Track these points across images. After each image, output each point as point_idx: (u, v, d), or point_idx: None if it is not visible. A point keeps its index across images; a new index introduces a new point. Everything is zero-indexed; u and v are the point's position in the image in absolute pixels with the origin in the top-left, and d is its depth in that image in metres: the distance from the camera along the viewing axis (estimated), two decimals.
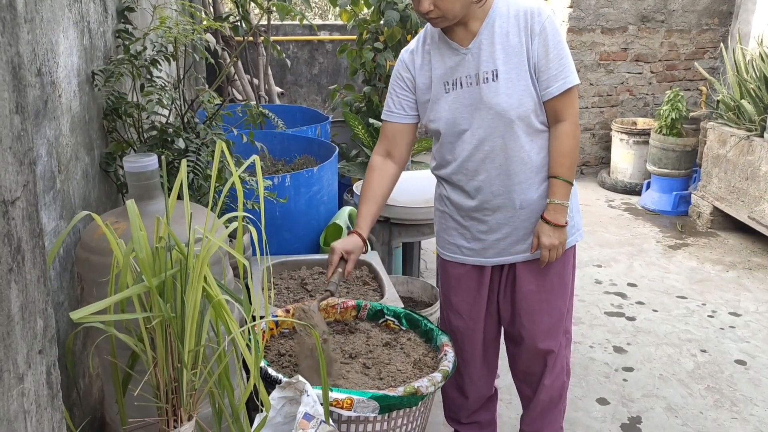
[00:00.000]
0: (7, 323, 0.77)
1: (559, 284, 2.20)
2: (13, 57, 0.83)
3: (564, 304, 2.24)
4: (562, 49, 1.97)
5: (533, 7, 1.97)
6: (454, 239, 2.25)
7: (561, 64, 1.97)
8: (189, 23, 2.01)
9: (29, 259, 0.84)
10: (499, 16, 1.99)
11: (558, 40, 1.97)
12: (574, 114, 2.03)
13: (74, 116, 1.71)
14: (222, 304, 1.33)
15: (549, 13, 1.98)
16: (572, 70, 1.99)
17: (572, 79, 1.98)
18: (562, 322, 2.25)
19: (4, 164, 0.78)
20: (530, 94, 2.00)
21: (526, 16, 1.97)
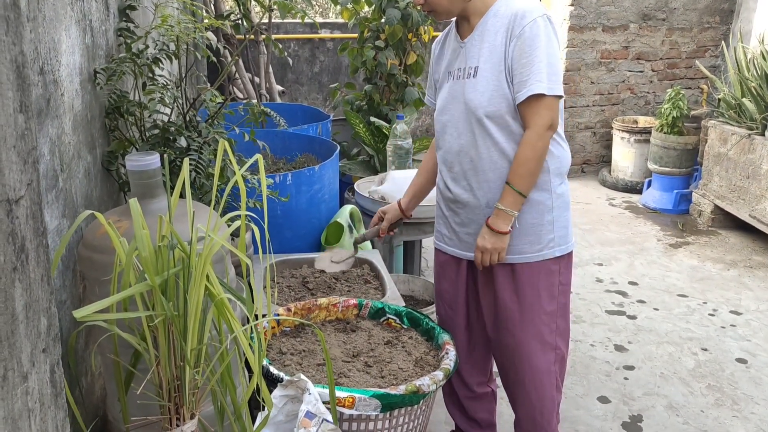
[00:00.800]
0: (12, 322, 0.77)
1: (532, 296, 2.12)
2: (17, 56, 0.83)
3: (541, 319, 2.14)
4: (535, 56, 1.92)
5: (523, 9, 1.95)
6: (438, 226, 2.32)
7: (531, 71, 1.93)
8: (191, 21, 2.01)
9: (33, 257, 0.84)
10: (495, 14, 2.01)
11: (535, 46, 1.92)
12: (540, 124, 1.96)
13: (76, 115, 1.71)
14: (224, 303, 1.33)
15: (536, 17, 1.93)
16: (542, 78, 1.92)
17: (537, 88, 1.92)
18: (541, 338, 2.16)
19: (8, 163, 0.78)
20: (504, 96, 1.99)
21: (513, 17, 1.96)
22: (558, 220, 2.11)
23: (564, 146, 2.12)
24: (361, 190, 3.40)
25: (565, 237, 2.14)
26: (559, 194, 2.10)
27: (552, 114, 1.97)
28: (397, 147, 3.47)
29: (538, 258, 2.10)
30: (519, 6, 1.97)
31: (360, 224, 3.24)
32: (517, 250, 2.10)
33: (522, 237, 2.09)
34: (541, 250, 2.10)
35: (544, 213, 2.08)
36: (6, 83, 0.79)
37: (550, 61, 1.94)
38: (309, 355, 2.09)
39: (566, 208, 2.14)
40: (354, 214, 3.22)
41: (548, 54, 1.93)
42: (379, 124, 4.02)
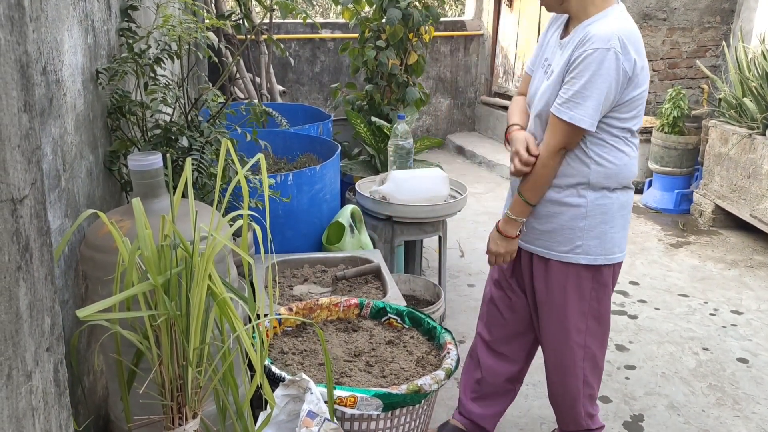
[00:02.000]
0: (16, 321, 0.77)
1: (559, 293, 2.21)
2: (21, 56, 0.83)
3: (567, 317, 2.23)
4: (575, 81, 1.97)
5: (595, 35, 1.97)
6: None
7: (567, 92, 1.99)
8: (192, 21, 2.01)
9: (37, 257, 0.85)
10: (589, 25, 2.03)
11: (580, 73, 1.96)
12: (551, 143, 2.04)
13: (79, 114, 1.72)
14: (227, 302, 1.33)
15: (599, 48, 1.95)
16: (573, 108, 1.97)
17: (564, 114, 1.99)
18: (567, 333, 2.25)
19: (12, 162, 0.78)
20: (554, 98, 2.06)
21: (585, 38, 1.99)
22: (590, 229, 2.13)
23: (616, 160, 2.10)
24: (362, 190, 3.41)
25: (596, 248, 2.15)
26: (598, 205, 2.12)
27: (569, 138, 2.03)
28: (398, 147, 3.47)
29: (563, 259, 2.17)
30: (596, 30, 1.98)
31: (361, 224, 3.24)
32: (546, 245, 2.19)
33: (553, 234, 2.17)
34: (567, 253, 2.16)
35: (577, 219, 2.13)
36: (11, 83, 0.79)
37: (588, 93, 1.96)
38: (311, 355, 2.10)
39: (604, 220, 2.14)
40: (355, 213, 3.22)
41: (589, 85, 1.96)
42: (380, 124, 4.02)
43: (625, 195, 2.17)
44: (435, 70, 7.40)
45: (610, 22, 1.99)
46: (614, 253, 2.18)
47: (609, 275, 2.22)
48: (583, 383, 2.35)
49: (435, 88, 7.49)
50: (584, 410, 2.41)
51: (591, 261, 2.16)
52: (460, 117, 7.74)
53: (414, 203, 3.22)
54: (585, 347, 2.28)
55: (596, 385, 2.41)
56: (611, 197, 2.13)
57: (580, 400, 2.38)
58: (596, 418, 2.48)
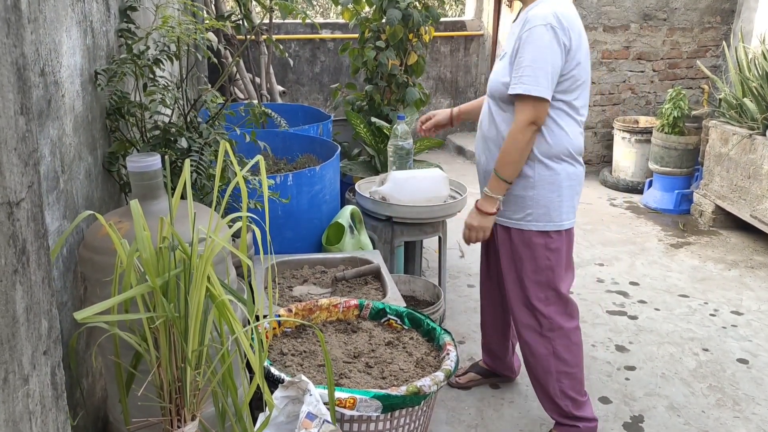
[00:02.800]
0: (12, 324, 0.77)
1: (518, 260, 2.42)
2: (17, 58, 0.83)
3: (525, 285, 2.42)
4: (524, 59, 2.17)
5: (533, 15, 2.18)
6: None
7: (518, 72, 2.19)
8: (192, 22, 2.01)
9: (34, 260, 0.84)
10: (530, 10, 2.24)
11: (526, 51, 2.17)
12: (521, 119, 2.21)
13: (77, 116, 1.71)
14: (225, 304, 1.33)
15: (536, 25, 2.16)
16: (524, 81, 2.17)
17: (517, 89, 2.19)
18: (527, 301, 2.44)
19: (9, 165, 0.78)
20: (505, 84, 2.27)
21: (526, 21, 2.20)
22: (539, 198, 2.34)
23: (557, 131, 2.30)
24: (362, 191, 3.40)
25: (545, 215, 2.35)
26: (543, 176, 2.32)
27: (535, 112, 2.20)
28: (398, 147, 3.46)
29: (518, 226, 2.39)
30: (535, 11, 2.20)
31: (361, 225, 3.24)
32: (505, 214, 2.41)
33: (508, 204, 2.38)
34: (520, 221, 2.38)
35: (527, 188, 2.34)
36: (7, 85, 0.79)
37: (537, 65, 2.16)
38: (310, 356, 2.09)
39: (551, 189, 2.34)
40: (355, 214, 3.22)
41: (535, 59, 2.16)
42: (380, 124, 4.01)
43: (572, 167, 2.36)
44: (435, 70, 7.40)
45: (548, 5, 2.20)
46: (563, 221, 2.38)
47: (561, 241, 2.40)
48: (554, 357, 2.47)
49: (435, 89, 7.49)
50: (560, 389, 2.51)
51: (541, 227, 2.36)
52: None
53: (414, 204, 3.22)
54: (549, 318, 2.44)
55: (574, 363, 2.50)
56: (557, 168, 2.33)
57: (553, 374, 2.49)
58: (584, 406, 2.56)
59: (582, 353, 2.55)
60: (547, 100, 2.20)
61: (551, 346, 2.47)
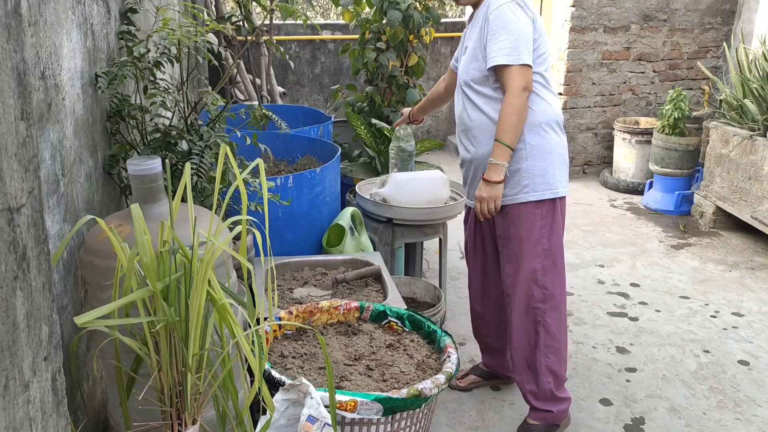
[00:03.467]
0: (13, 331, 0.77)
1: (515, 234, 2.48)
2: (18, 63, 0.83)
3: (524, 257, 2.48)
4: (499, 33, 2.30)
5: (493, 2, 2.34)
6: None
7: (494, 47, 2.31)
8: (192, 25, 2.01)
9: (34, 265, 0.84)
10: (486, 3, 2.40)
11: (498, 26, 2.30)
12: (514, 86, 2.30)
13: (78, 119, 1.71)
14: (226, 308, 1.33)
15: (502, 4, 2.31)
16: (504, 52, 2.29)
17: (499, 60, 2.30)
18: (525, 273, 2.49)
19: (9, 171, 0.78)
20: (478, 68, 2.41)
21: (488, 6, 2.36)
22: (532, 169, 2.42)
23: (540, 102, 2.42)
24: (363, 192, 3.40)
25: (542, 184, 2.43)
26: (534, 145, 2.41)
27: (524, 77, 2.30)
28: (400, 149, 3.46)
29: (516, 201, 2.44)
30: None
31: (361, 227, 3.23)
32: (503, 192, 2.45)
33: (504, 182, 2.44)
34: (517, 194, 2.43)
35: (520, 161, 2.41)
36: (7, 91, 0.79)
37: (513, 36, 2.29)
38: (311, 359, 2.09)
39: (543, 158, 2.43)
40: (355, 216, 3.22)
41: (510, 31, 2.29)
42: (381, 125, 4.01)
43: (558, 137, 2.48)
44: (435, 71, 7.39)
45: None
46: (558, 188, 2.46)
47: (557, 209, 2.49)
48: (543, 329, 2.54)
49: None
50: (545, 364, 2.56)
51: (539, 197, 2.43)
52: None
53: (414, 206, 3.22)
54: (542, 287, 2.51)
55: (560, 338, 2.57)
56: (546, 138, 2.43)
57: (540, 348, 2.55)
58: (562, 386, 2.64)
59: (566, 329, 2.67)
60: (530, 66, 2.32)
61: (542, 318, 2.54)
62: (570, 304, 3.79)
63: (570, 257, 4.47)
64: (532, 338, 2.56)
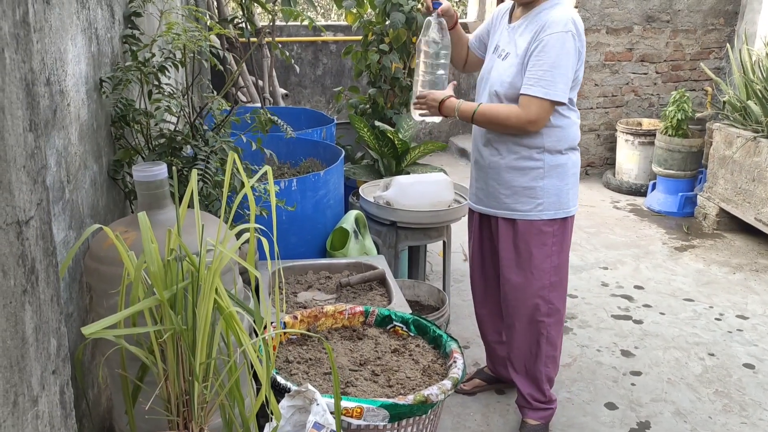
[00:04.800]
0: (22, 346, 0.76)
1: (525, 250, 2.47)
2: (26, 74, 0.81)
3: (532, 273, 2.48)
4: (546, 62, 2.24)
5: (553, 21, 2.25)
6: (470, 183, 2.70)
7: (533, 73, 2.26)
8: (197, 29, 2.00)
9: (43, 278, 0.83)
10: (539, 13, 2.32)
11: (544, 54, 2.24)
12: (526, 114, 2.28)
13: (83, 124, 1.70)
14: (233, 316, 1.31)
15: (557, 32, 2.23)
16: (545, 85, 2.24)
17: (537, 91, 2.25)
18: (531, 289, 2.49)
19: (18, 184, 0.77)
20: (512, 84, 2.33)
21: (543, 25, 2.26)
22: (548, 188, 2.41)
23: (564, 122, 2.39)
24: (366, 195, 3.39)
25: (555, 204, 2.43)
26: (553, 165, 2.40)
27: (543, 114, 2.29)
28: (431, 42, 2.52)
29: (528, 217, 2.43)
30: (552, 16, 2.27)
31: (365, 229, 3.22)
32: (512, 207, 2.45)
33: (516, 197, 2.44)
34: (530, 211, 2.43)
35: (537, 179, 2.40)
36: (16, 102, 0.77)
37: (558, 71, 2.24)
38: (316, 364, 2.08)
39: (560, 178, 2.42)
40: (359, 219, 3.21)
41: (556, 64, 2.24)
42: (384, 128, 4.00)
43: (574, 155, 2.46)
44: None
45: (564, 9, 2.30)
46: (570, 207, 2.47)
47: (567, 227, 2.49)
48: (546, 341, 2.56)
49: None
50: (545, 372, 2.60)
51: (552, 216, 2.43)
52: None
53: (418, 209, 3.21)
54: (549, 302, 2.52)
55: (557, 345, 2.63)
56: (564, 158, 2.42)
57: (542, 358, 2.59)
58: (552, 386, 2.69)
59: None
60: (560, 104, 2.31)
61: (546, 331, 2.56)
62: (574, 307, 3.78)
63: (574, 259, 4.46)
64: (534, 348, 2.59)
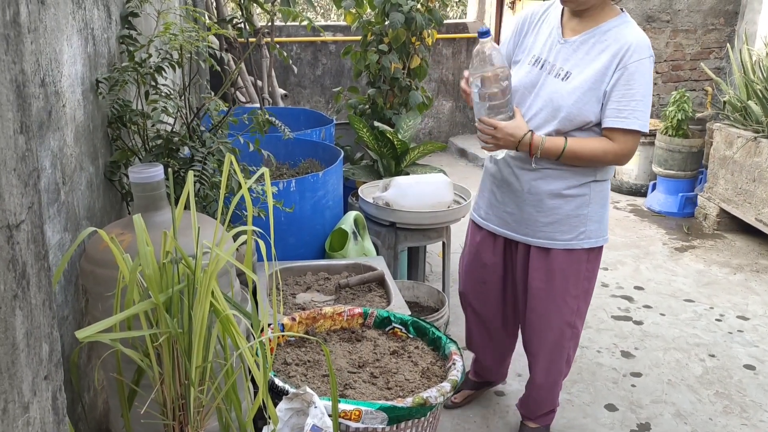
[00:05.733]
0: (12, 352, 0.75)
1: (561, 279, 2.34)
2: (17, 75, 0.80)
3: (565, 301, 2.37)
4: (638, 92, 2.08)
5: (637, 44, 2.08)
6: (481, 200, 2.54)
7: (630, 106, 2.09)
8: (194, 29, 1.99)
9: (34, 283, 0.82)
10: (608, 31, 2.13)
11: (639, 83, 2.07)
12: (624, 149, 2.14)
13: (78, 126, 1.69)
14: (230, 319, 1.30)
15: (646, 57, 2.08)
16: (638, 115, 2.09)
17: (634, 124, 2.09)
18: (561, 317, 2.40)
19: (8, 187, 0.76)
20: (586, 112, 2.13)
21: (626, 49, 2.08)
22: (592, 215, 2.29)
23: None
24: (365, 196, 3.38)
25: (596, 231, 2.32)
26: (598, 192, 2.29)
27: (635, 146, 2.16)
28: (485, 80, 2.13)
29: (567, 246, 2.30)
30: (633, 38, 2.09)
31: (364, 231, 3.21)
32: (551, 236, 2.30)
33: (557, 225, 2.29)
34: (571, 240, 2.30)
35: (582, 207, 2.27)
36: (6, 104, 0.76)
37: (647, 101, 2.11)
38: (314, 366, 2.07)
39: (602, 204, 2.32)
40: (358, 220, 3.19)
41: (645, 94, 2.10)
42: (383, 128, 3.98)
43: (608, 182, 2.35)
44: (437, 72, 7.37)
45: (638, 29, 2.13)
46: (606, 234, 2.37)
47: (601, 254, 2.41)
48: (566, 363, 2.54)
49: (437, 91, 7.46)
50: (560, 384, 2.62)
51: (593, 244, 2.32)
52: (462, 119, 7.71)
53: (418, 209, 3.20)
54: (573, 327, 2.45)
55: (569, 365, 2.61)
56: (605, 184, 2.31)
57: (561, 379, 2.59)
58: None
59: None
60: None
61: (569, 354, 2.52)
62: None
63: None
64: (558, 371, 2.54)
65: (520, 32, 2.35)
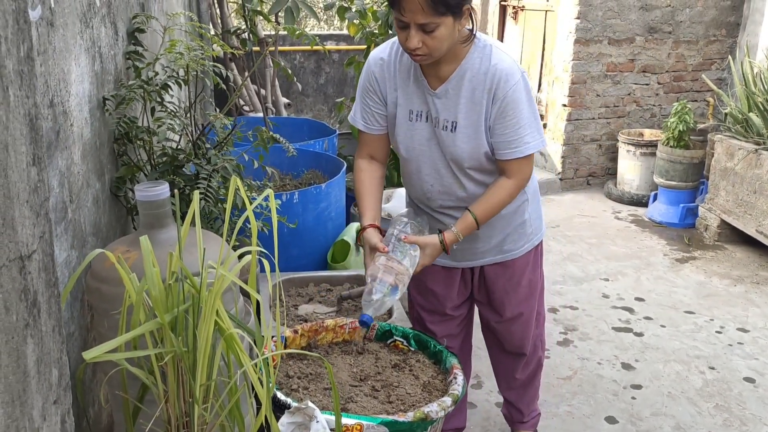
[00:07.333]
0: (23, 380, 0.77)
1: (524, 284, 2.38)
2: (30, 109, 0.83)
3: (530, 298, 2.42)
4: (521, 117, 2.01)
5: (505, 72, 1.98)
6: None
7: (517, 134, 2.02)
8: (200, 47, 2.01)
9: (45, 310, 0.84)
10: (470, 68, 2.01)
11: (519, 109, 2.00)
12: (522, 177, 2.11)
13: (85, 143, 1.71)
14: (234, 338, 1.32)
15: (518, 79, 1.99)
16: (528, 139, 2.03)
17: (526, 150, 2.04)
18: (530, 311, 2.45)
19: (21, 219, 0.78)
20: (483, 152, 2.08)
21: (497, 81, 1.98)
22: (532, 213, 2.32)
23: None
24: None
25: (539, 226, 2.37)
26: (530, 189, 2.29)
27: (532, 165, 2.14)
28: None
29: (522, 252, 2.33)
30: (499, 68, 1.98)
31: None
32: (504, 250, 2.30)
33: (508, 238, 2.29)
34: (524, 245, 2.32)
35: (524, 212, 2.29)
36: (20, 138, 0.79)
37: (532, 118, 2.04)
38: (316, 379, 2.08)
39: (535, 199, 2.35)
40: None
41: (530, 113, 2.03)
42: None
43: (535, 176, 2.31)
44: None
45: (498, 54, 2.01)
46: (543, 222, 2.41)
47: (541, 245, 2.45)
48: (542, 350, 2.61)
49: None
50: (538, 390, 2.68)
51: (540, 238, 2.38)
52: None
53: None
54: (539, 314, 2.52)
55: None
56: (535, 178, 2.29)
57: (540, 372, 2.64)
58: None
59: None
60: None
61: (542, 362, 2.63)
62: (575, 319, 3.79)
63: (575, 270, 4.46)
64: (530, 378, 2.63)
65: (378, 87, 2.16)
